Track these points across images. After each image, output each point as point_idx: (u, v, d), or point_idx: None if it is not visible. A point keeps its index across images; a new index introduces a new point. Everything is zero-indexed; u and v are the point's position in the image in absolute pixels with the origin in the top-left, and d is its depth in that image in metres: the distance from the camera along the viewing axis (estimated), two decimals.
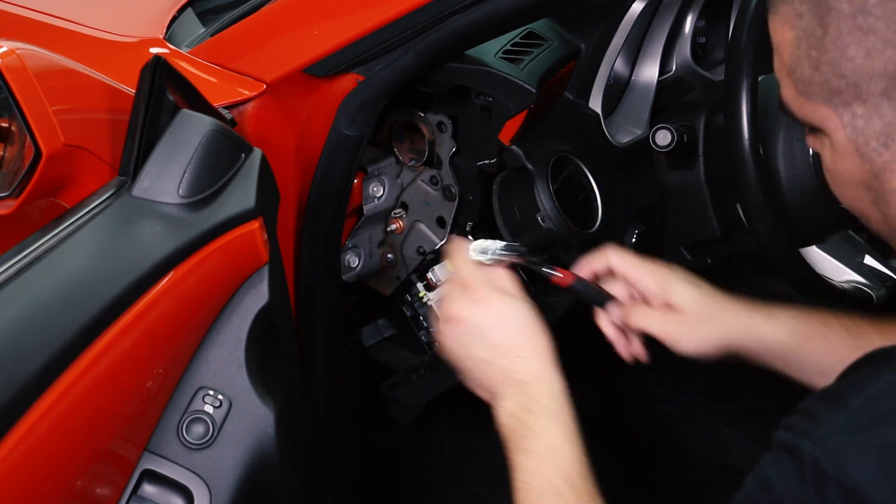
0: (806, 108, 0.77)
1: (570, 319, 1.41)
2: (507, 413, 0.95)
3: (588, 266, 1.10)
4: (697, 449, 1.84)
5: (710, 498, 1.78)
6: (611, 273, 1.10)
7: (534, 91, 1.25)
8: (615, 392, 1.92)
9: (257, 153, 1.03)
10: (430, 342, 1.46)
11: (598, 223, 1.34)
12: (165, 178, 0.94)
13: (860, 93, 0.72)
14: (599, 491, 0.89)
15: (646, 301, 1.08)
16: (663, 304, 1.06)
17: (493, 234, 1.39)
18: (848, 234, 1.44)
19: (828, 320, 1.03)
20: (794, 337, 1.02)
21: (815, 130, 0.79)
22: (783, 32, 0.76)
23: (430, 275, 1.45)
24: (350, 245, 1.44)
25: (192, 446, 0.94)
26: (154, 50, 1.30)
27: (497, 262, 1.03)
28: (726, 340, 1.04)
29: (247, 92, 1.21)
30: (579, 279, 1.08)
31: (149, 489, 0.93)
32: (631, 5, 1.37)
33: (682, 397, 1.90)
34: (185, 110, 0.99)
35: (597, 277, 1.11)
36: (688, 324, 1.04)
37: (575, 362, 1.13)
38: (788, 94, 0.78)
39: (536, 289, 1.36)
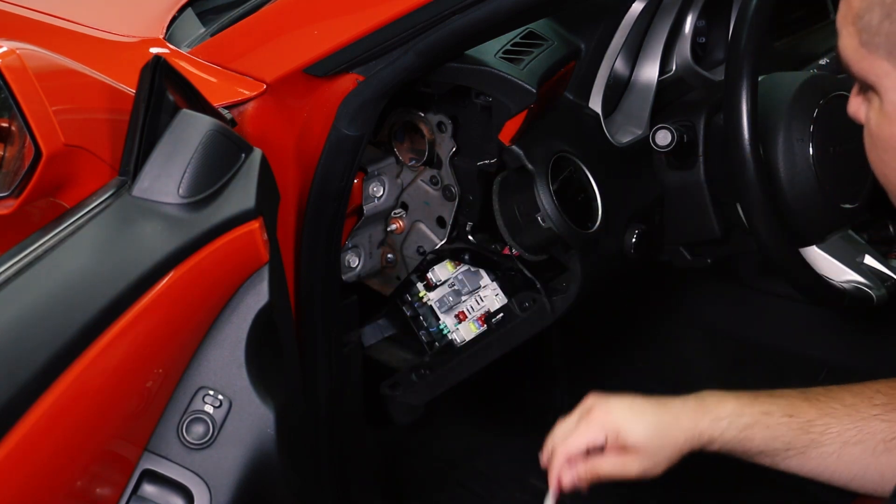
0: (864, 62, 0.74)
1: (570, 319, 1.41)
2: None
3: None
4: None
5: (710, 498, 1.78)
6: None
7: (534, 91, 1.25)
8: (615, 392, 1.92)
9: (257, 153, 1.03)
10: (431, 342, 1.47)
11: (598, 223, 1.34)
12: (165, 178, 0.94)
13: None
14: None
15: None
16: (618, 450, 1.06)
17: (493, 234, 1.39)
18: (848, 234, 1.44)
19: (768, 408, 1.04)
20: (736, 431, 1.03)
21: (866, 90, 0.77)
22: None
23: (430, 275, 1.45)
24: (350, 245, 1.44)
25: (192, 446, 0.94)
26: (154, 50, 1.30)
27: None
28: (682, 452, 1.05)
29: (247, 92, 1.21)
30: None
31: (149, 489, 0.93)
32: (631, 5, 1.37)
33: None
34: (185, 110, 0.99)
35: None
36: (646, 459, 1.05)
37: (574, 362, 1.13)
38: (849, 44, 0.75)
39: (539, 287, 1.37)
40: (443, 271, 1.43)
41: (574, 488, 1.07)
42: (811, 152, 1.35)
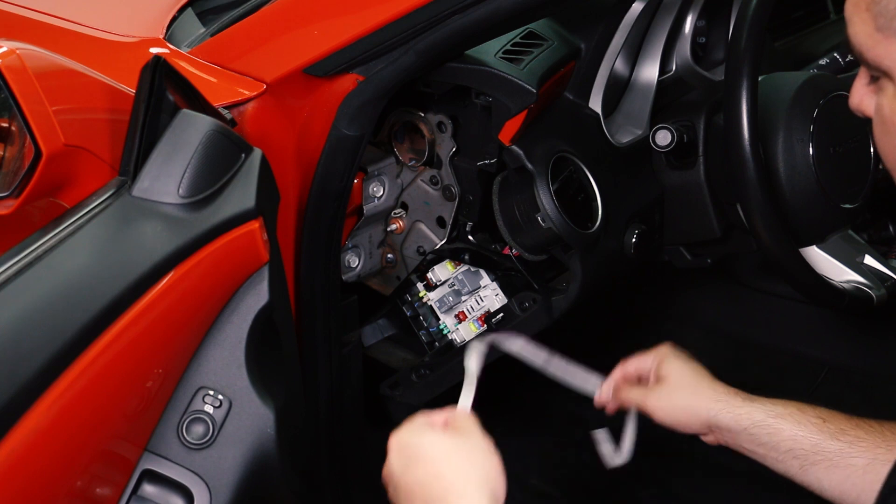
0: (879, 48, 0.74)
1: (569, 319, 1.41)
2: None
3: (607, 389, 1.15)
4: (697, 449, 1.84)
5: (710, 498, 1.78)
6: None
7: (534, 91, 1.25)
8: None
9: (257, 153, 1.03)
10: (431, 342, 1.47)
11: (598, 223, 1.34)
12: (165, 178, 0.94)
13: None
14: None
15: (640, 380, 1.14)
16: (655, 378, 1.11)
17: (493, 234, 1.39)
18: (848, 234, 1.45)
19: (803, 407, 1.04)
20: (768, 416, 1.04)
21: (877, 79, 0.76)
22: None
23: (430, 275, 1.45)
24: (350, 245, 1.44)
25: (192, 446, 0.94)
26: (154, 50, 1.30)
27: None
28: (703, 412, 1.07)
29: (247, 92, 1.21)
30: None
31: (149, 489, 0.93)
32: (631, 5, 1.37)
33: None
34: (185, 110, 0.99)
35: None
36: (667, 393, 1.08)
37: (574, 362, 1.13)
38: (863, 30, 0.75)
39: (538, 286, 1.37)
40: (443, 271, 1.43)
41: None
42: (811, 152, 1.35)
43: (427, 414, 0.93)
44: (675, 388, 1.08)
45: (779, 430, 1.03)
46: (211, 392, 0.96)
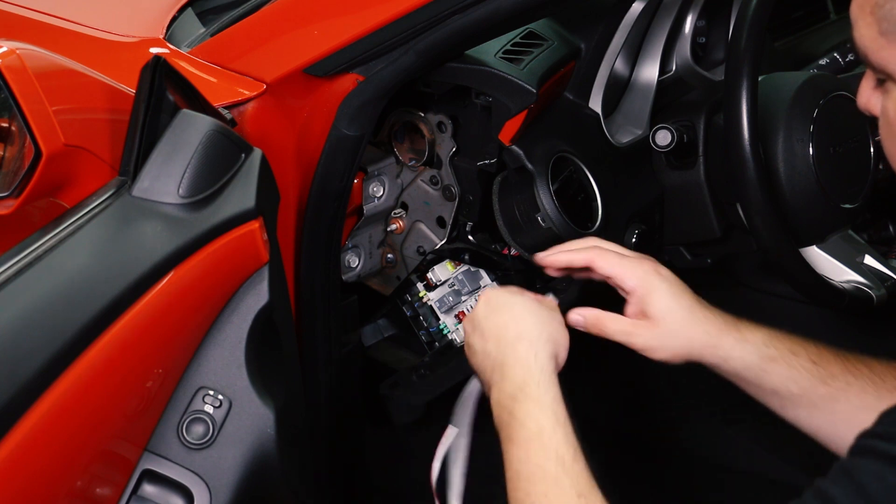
0: (884, 51, 0.74)
1: None
2: (495, 402, 0.97)
3: (566, 257, 1.10)
4: (697, 449, 1.84)
5: (710, 498, 1.78)
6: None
7: (534, 91, 1.25)
8: (614, 392, 1.92)
9: (257, 153, 1.03)
10: (431, 342, 1.47)
11: (598, 223, 1.34)
12: (165, 178, 0.94)
13: None
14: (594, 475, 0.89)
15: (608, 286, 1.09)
16: (639, 311, 1.05)
17: (493, 234, 1.39)
18: (848, 234, 1.45)
19: (796, 349, 1.03)
20: (758, 358, 1.02)
21: (882, 82, 0.76)
22: None
23: (430, 275, 1.45)
24: (350, 245, 1.44)
25: (192, 446, 0.94)
26: (154, 50, 1.30)
27: None
28: (691, 353, 1.04)
29: (247, 92, 1.21)
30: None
31: (149, 489, 0.93)
32: (631, 5, 1.37)
33: (682, 397, 1.90)
34: (185, 110, 0.99)
35: (571, 270, 1.12)
36: (656, 335, 1.04)
37: (573, 362, 1.13)
38: (867, 34, 0.75)
39: (537, 290, 1.36)
40: (443, 271, 1.43)
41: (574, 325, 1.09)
42: (811, 152, 1.35)
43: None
44: (663, 333, 1.04)
45: (769, 375, 1.02)
46: (211, 392, 0.96)
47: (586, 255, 1.08)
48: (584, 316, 1.07)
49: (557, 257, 1.11)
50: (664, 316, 1.04)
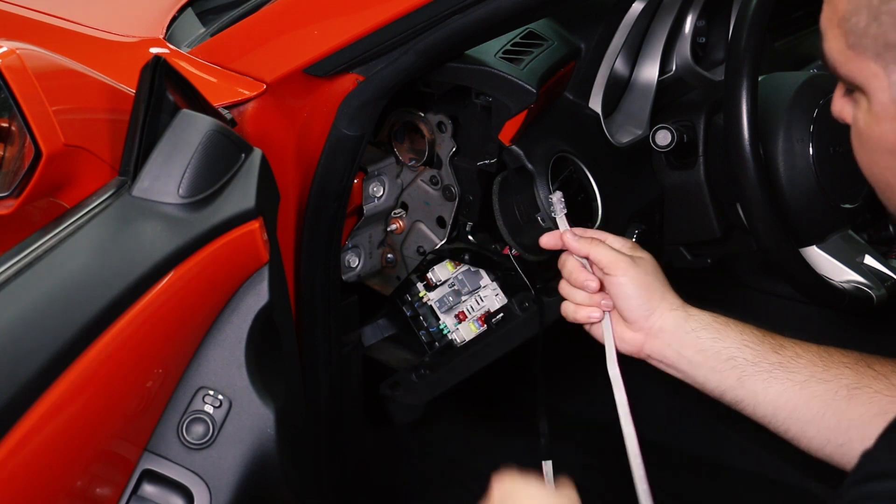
0: (851, 64, 0.74)
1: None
2: None
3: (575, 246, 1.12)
4: (697, 449, 1.84)
5: (710, 498, 1.78)
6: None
7: (534, 91, 1.25)
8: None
9: (257, 153, 1.03)
10: (431, 342, 1.47)
11: (598, 223, 1.34)
12: (165, 178, 0.94)
13: None
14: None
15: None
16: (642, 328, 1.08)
17: (493, 234, 1.39)
18: (848, 234, 1.45)
19: (745, 325, 1.07)
20: (715, 321, 1.06)
21: (851, 91, 0.77)
22: None
23: (430, 275, 1.45)
24: (350, 245, 1.44)
25: (192, 446, 0.94)
26: (154, 50, 1.30)
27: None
28: (661, 300, 1.08)
29: (247, 92, 1.21)
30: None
31: (149, 489, 0.93)
32: (631, 5, 1.37)
33: (681, 397, 1.90)
34: (185, 110, 0.99)
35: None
36: (619, 285, 1.08)
37: (573, 362, 1.13)
38: (835, 46, 0.75)
39: (537, 289, 1.36)
40: (443, 271, 1.43)
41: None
42: (811, 152, 1.35)
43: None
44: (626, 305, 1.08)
45: (724, 336, 1.04)
46: (211, 392, 0.96)
47: (592, 246, 1.10)
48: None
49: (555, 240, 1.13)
50: (623, 273, 1.08)
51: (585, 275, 1.09)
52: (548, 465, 1.12)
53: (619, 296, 1.08)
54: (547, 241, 1.13)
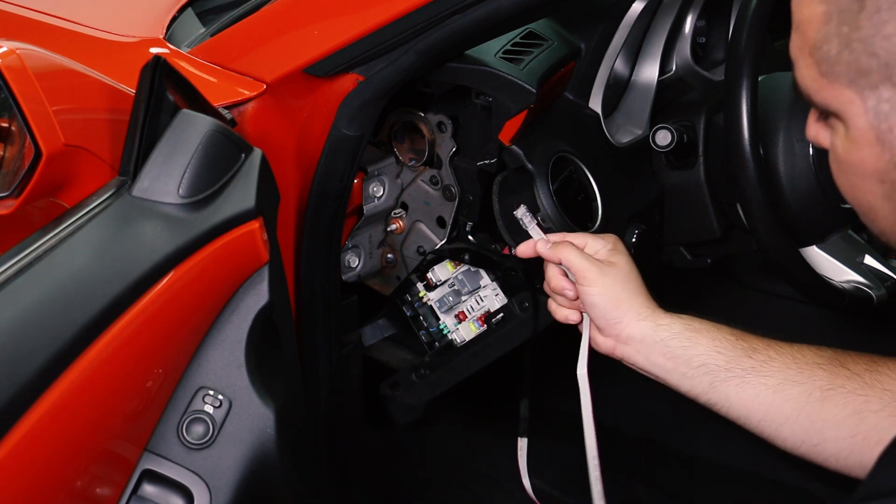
0: (825, 91, 0.74)
1: None
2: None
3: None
4: (697, 449, 1.84)
5: (710, 498, 1.78)
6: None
7: (534, 91, 1.25)
8: (614, 392, 1.92)
9: (257, 153, 1.03)
10: (431, 342, 1.47)
11: (598, 223, 1.34)
12: (165, 178, 0.94)
13: (891, 74, 0.68)
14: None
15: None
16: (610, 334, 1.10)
17: (493, 234, 1.39)
18: (848, 234, 1.45)
19: (717, 325, 1.08)
20: (686, 329, 1.07)
21: (828, 117, 0.76)
22: (811, 6, 0.73)
23: (430, 275, 1.45)
24: (350, 245, 1.44)
25: (192, 446, 0.94)
26: (154, 50, 1.30)
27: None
28: (633, 306, 1.10)
29: (247, 92, 1.21)
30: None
31: (149, 489, 0.93)
32: (631, 5, 1.37)
33: (680, 396, 1.90)
34: (185, 110, 0.99)
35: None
36: (589, 291, 1.10)
37: (573, 362, 1.13)
38: (808, 74, 0.75)
39: (536, 289, 1.37)
40: (443, 271, 1.43)
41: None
42: (811, 152, 1.35)
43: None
44: (602, 293, 1.09)
45: (695, 344, 1.05)
46: (211, 392, 0.96)
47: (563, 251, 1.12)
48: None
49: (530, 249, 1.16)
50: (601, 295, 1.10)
51: (564, 282, 1.12)
52: (523, 442, 1.18)
53: (587, 304, 1.10)
54: (523, 250, 1.17)
